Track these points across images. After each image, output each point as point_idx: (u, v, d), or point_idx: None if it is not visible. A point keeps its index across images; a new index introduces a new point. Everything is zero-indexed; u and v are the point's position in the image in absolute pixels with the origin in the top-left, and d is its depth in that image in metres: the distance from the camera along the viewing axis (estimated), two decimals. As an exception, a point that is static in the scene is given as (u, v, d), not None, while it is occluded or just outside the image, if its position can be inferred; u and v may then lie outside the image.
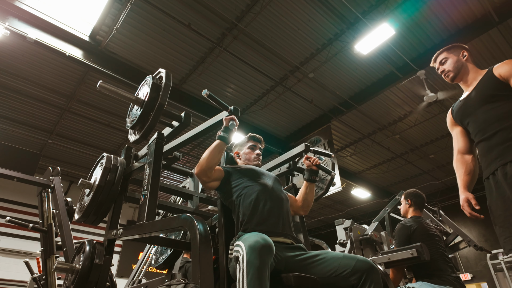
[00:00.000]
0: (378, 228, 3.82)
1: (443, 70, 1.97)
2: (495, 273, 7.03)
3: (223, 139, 1.79)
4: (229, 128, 1.81)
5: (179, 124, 2.06)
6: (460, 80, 1.95)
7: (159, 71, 1.93)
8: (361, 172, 10.84)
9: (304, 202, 2.04)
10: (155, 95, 1.84)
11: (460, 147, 1.92)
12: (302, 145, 2.39)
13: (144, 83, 2.02)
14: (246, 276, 1.23)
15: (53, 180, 3.11)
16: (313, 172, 2.03)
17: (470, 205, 1.70)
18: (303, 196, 2.04)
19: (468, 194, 1.74)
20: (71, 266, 1.91)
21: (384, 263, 2.55)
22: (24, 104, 7.57)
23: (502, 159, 1.58)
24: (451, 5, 5.69)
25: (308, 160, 2.03)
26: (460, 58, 1.94)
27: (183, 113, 2.06)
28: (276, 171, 2.63)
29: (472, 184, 1.84)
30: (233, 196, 1.76)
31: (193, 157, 9.66)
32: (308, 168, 2.04)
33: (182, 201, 2.88)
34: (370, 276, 1.41)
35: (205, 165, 1.73)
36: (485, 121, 1.71)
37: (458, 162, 1.90)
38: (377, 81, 7.26)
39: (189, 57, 6.67)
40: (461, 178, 1.84)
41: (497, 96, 1.70)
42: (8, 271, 8.29)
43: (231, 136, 1.83)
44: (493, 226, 1.64)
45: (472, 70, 1.90)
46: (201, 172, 1.74)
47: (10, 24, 5.32)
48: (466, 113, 1.84)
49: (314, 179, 2.04)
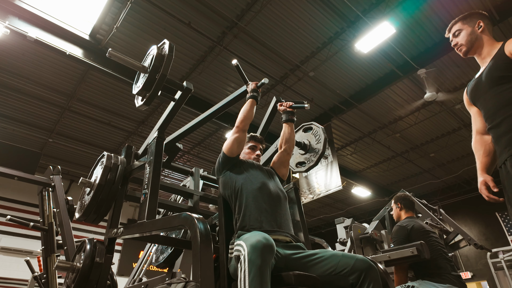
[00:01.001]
0: (379, 226, 3.82)
1: (456, 43, 1.83)
2: (495, 271, 7.04)
3: (255, 97, 2.03)
4: (257, 89, 2.06)
5: (182, 93, 2.14)
6: (474, 53, 1.79)
7: (163, 41, 2.01)
8: (362, 171, 10.85)
9: (287, 142, 2.14)
10: (160, 58, 1.95)
11: (479, 127, 1.78)
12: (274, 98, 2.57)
13: (148, 55, 2.09)
14: (248, 275, 1.23)
15: (54, 179, 3.12)
16: (289, 112, 2.19)
17: (488, 188, 1.58)
18: (286, 137, 2.15)
19: (486, 176, 1.62)
20: (71, 264, 1.92)
21: (384, 262, 2.55)
22: (24, 103, 7.57)
23: (510, 149, 1.50)
24: (451, 3, 5.68)
25: (282, 106, 2.20)
26: (475, 30, 1.77)
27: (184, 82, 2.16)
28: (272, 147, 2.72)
29: (492, 166, 1.71)
30: (232, 186, 1.78)
31: (194, 156, 9.67)
32: (284, 111, 2.20)
33: (183, 200, 2.88)
34: (369, 275, 1.41)
35: (244, 117, 1.92)
36: (493, 107, 1.60)
37: (477, 143, 1.77)
38: (377, 79, 7.25)
39: (190, 56, 6.67)
40: (479, 160, 1.72)
41: (507, 77, 1.57)
42: (9, 269, 8.31)
43: (259, 96, 2.07)
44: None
45: (487, 43, 1.74)
46: (240, 123, 1.90)
47: (10, 23, 5.32)
48: (477, 95, 1.72)
49: (291, 118, 2.19)
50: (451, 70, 6.95)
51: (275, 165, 2.10)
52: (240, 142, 1.89)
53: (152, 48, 2.05)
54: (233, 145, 1.87)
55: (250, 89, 2.05)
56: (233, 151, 1.88)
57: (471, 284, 10.04)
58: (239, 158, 1.96)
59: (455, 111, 8.05)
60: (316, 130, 2.75)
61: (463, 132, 8.72)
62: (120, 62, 2.01)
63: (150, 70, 1.94)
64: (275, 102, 2.53)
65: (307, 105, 2.15)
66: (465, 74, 7.00)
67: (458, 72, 6.99)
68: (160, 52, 1.97)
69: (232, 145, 1.87)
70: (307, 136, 2.79)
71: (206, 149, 9.40)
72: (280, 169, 2.08)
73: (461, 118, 8.35)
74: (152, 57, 1.99)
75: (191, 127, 2.35)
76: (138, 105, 2.08)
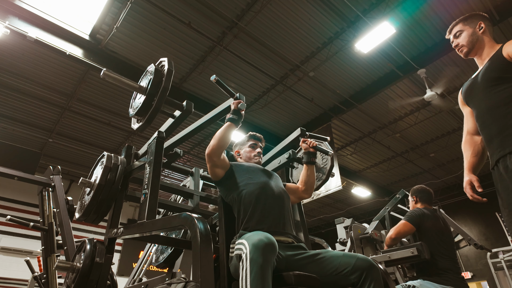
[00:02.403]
0: (379, 226, 3.82)
1: (457, 44, 1.83)
2: (496, 271, 7.04)
3: (233, 120, 1.83)
4: (238, 111, 1.85)
5: (182, 113, 2.07)
6: (474, 55, 1.80)
7: (161, 60, 1.95)
8: (362, 171, 10.84)
9: (306, 185, 2.05)
10: (158, 80, 1.86)
11: (470, 127, 1.81)
12: (298, 129, 2.41)
13: (146, 73, 2.03)
14: (250, 274, 1.23)
15: (54, 179, 3.12)
16: (311, 154, 2.06)
17: (472, 188, 1.61)
18: (305, 179, 2.05)
19: (472, 176, 1.64)
20: (71, 264, 1.92)
21: (384, 262, 2.55)
22: (24, 103, 7.57)
23: (502, 150, 1.50)
24: (451, 3, 5.68)
25: (305, 143, 2.07)
26: (476, 31, 1.77)
27: (184, 102, 2.08)
28: (275, 162, 2.60)
29: (479, 166, 1.73)
30: (234, 193, 1.77)
31: (194, 156, 9.67)
32: (306, 150, 2.08)
33: (183, 200, 2.88)
34: (370, 274, 1.41)
35: (216, 145, 1.76)
36: (486, 107, 1.61)
37: (466, 143, 1.79)
38: (377, 79, 7.25)
39: (189, 56, 6.67)
40: (467, 160, 1.74)
41: (502, 79, 1.57)
42: (9, 269, 8.31)
43: (241, 119, 1.87)
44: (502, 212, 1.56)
45: (488, 45, 1.75)
46: (212, 152, 1.76)
47: (10, 23, 5.32)
48: (471, 96, 1.73)
49: (313, 160, 2.07)
50: (451, 70, 6.95)
51: (288, 190, 2.00)
52: (220, 165, 1.81)
53: (150, 66, 1.97)
54: (215, 172, 1.81)
55: (231, 110, 1.86)
56: (219, 175, 1.82)
57: (471, 284, 10.04)
58: (232, 167, 1.88)
59: (455, 111, 8.05)
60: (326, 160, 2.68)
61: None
62: (116, 83, 1.91)
63: (147, 93, 1.85)
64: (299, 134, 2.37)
65: (331, 152, 2.09)
66: (465, 74, 7.00)
67: (458, 72, 6.99)
68: (158, 73, 1.87)
69: (214, 172, 1.81)
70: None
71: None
72: (290, 197, 1.98)
73: (461, 118, 8.31)
74: (149, 79, 1.88)
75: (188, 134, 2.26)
76: (136, 128, 2.01)
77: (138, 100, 1.99)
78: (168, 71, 1.86)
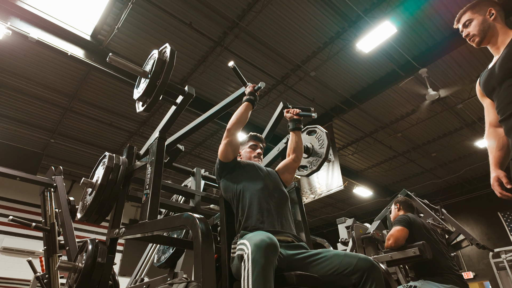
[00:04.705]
0: (380, 226, 3.82)
1: (467, 34, 1.73)
2: (498, 271, 7.02)
3: (250, 100, 1.96)
4: (254, 93, 2.00)
5: (184, 97, 2.12)
6: (487, 43, 1.69)
7: (165, 46, 2.00)
8: (363, 171, 10.83)
9: (296, 151, 2.09)
10: (163, 59, 1.96)
11: (492, 119, 1.69)
12: (281, 103, 2.51)
13: (149, 59, 2.08)
14: (251, 274, 1.23)
15: (56, 179, 3.12)
16: (296, 120, 2.12)
17: (501, 184, 1.49)
18: (294, 145, 2.09)
19: (499, 172, 1.53)
20: (73, 265, 1.92)
21: (386, 262, 2.55)
22: (26, 103, 7.59)
23: None
24: (452, 3, 5.66)
25: (289, 113, 2.13)
26: (487, 18, 1.67)
27: (186, 86, 2.13)
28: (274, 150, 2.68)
29: (506, 160, 1.60)
30: (233, 189, 1.78)
31: (195, 156, 9.67)
32: (291, 119, 2.13)
33: (184, 200, 2.88)
34: (371, 274, 1.41)
35: (236, 120, 1.87)
36: (506, 98, 1.52)
37: (490, 137, 1.68)
38: (379, 79, 7.24)
39: (191, 56, 6.68)
40: (492, 154, 1.63)
41: None
42: (11, 270, 8.34)
43: (256, 100, 1.99)
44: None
45: (501, 31, 1.64)
46: (232, 126, 1.85)
47: (12, 24, 5.33)
48: (490, 87, 1.64)
49: (298, 126, 2.13)
50: (453, 69, 6.94)
51: (280, 170, 2.06)
52: (233, 145, 1.86)
53: (153, 52, 2.03)
54: (227, 150, 1.84)
55: (248, 92, 2.00)
56: (228, 156, 1.85)
57: (473, 284, 10.01)
58: (237, 160, 1.93)
59: (457, 110, 8.03)
60: (320, 134, 2.72)
61: (465, 132, 8.70)
62: (121, 67, 2.00)
63: (151, 76, 1.92)
64: (282, 108, 2.48)
65: (315, 114, 2.11)
66: (467, 73, 6.98)
67: (460, 71, 6.97)
68: (161, 57, 1.96)
69: (226, 150, 1.84)
70: (311, 140, 2.77)
71: (208, 149, 9.40)
72: (285, 175, 2.04)
73: (463, 118, 8.33)
74: (153, 62, 1.97)
75: (190, 130, 2.33)
76: (138, 111, 2.07)
77: (142, 84, 2.06)
78: (171, 51, 1.95)
